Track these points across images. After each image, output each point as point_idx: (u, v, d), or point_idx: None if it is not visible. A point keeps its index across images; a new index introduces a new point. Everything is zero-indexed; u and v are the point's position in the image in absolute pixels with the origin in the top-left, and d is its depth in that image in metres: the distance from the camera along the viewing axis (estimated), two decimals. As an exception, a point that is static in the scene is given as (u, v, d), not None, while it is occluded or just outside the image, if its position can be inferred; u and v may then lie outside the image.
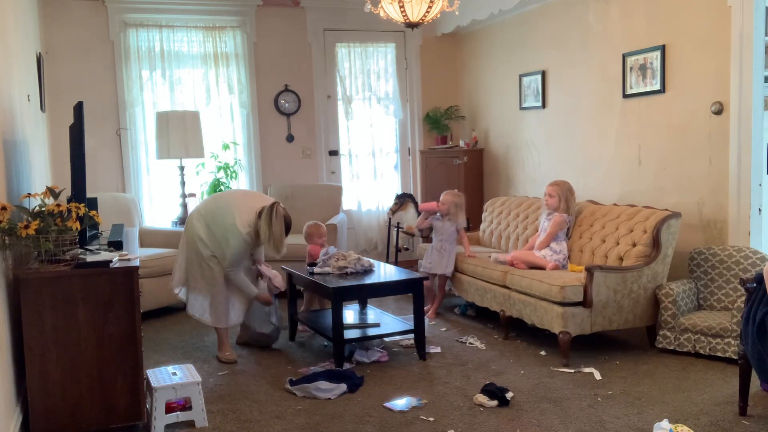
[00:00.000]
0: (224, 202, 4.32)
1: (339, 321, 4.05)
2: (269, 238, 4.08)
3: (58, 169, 5.70)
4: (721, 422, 3.15)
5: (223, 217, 4.18)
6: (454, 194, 5.31)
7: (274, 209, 4.09)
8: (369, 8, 4.74)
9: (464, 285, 5.15)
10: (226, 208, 4.22)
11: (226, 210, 4.20)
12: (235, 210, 4.17)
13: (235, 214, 4.14)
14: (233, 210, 4.17)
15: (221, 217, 4.18)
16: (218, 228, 4.17)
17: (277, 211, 4.09)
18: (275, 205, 4.12)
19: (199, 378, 3.33)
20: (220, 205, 4.30)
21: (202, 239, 4.20)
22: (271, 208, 4.09)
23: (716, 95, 4.36)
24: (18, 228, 2.84)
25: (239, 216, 4.13)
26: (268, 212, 4.08)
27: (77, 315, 3.01)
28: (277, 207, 4.11)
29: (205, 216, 4.25)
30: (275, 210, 4.09)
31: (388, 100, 7.22)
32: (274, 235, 4.07)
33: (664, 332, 4.16)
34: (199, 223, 4.23)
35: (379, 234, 7.19)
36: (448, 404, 3.49)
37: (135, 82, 6.28)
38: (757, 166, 4.23)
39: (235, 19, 6.57)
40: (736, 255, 4.15)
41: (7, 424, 2.80)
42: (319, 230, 5.07)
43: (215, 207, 4.29)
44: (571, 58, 5.66)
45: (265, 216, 4.09)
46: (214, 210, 4.26)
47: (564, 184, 4.81)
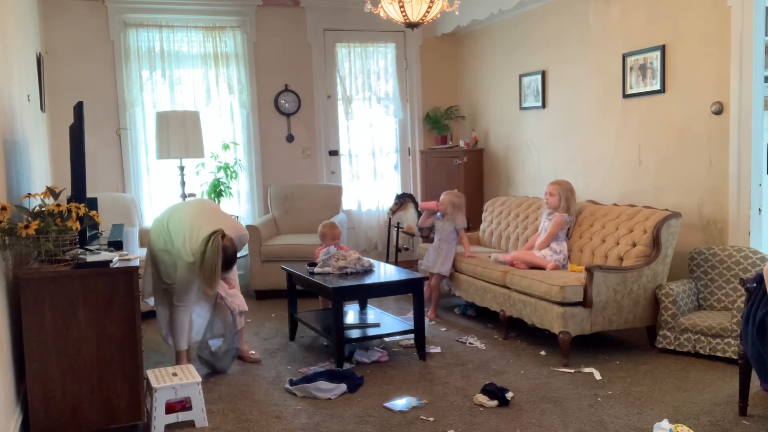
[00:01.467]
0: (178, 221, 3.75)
1: (339, 321, 4.05)
2: (201, 269, 3.50)
3: (58, 169, 5.70)
4: (721, 422, 3.15)
5: (176, 236, 3.68)
6: (454, 194, 5.31)
7: (211, 239, 3.48)
8: (369, 8, 4.74)
9: (464, 285, 5.15)
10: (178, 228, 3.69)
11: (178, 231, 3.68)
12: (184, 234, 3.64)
13: (183, 240, 3.62)
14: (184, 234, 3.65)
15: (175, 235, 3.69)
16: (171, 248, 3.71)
17: (215, 241, 3.47)
18: (215, 234, 3.50)
19: (199, 378, 3.33)
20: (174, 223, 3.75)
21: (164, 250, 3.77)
22: (209, 238, 3.48)
23: (716, 95, 4.36)
24: (18, 228, 2.84)
25: (184, 244, 3.61)
26: (205, 241, 3.49)
27: (77, 315, 3.01)
28: (217, 237, 3.49)
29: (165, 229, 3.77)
30: (212, 240, 3.48)
31: (388, 100, 7.22)
32: (205, 269, 3.48)
33: (664, 332, 4.16)
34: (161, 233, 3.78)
35: (379, 234, 7.19)
36: (448, 404, 3.49)
37: (135, 82, 6.28)
38: (757, 166, 4.23)
39: (235, 19, 6.57)
40: (736, 255, 4.15)
41: (7, 424, 2.80)
42: (334, 231, 4.94)
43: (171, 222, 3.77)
44: (571, 58, 5.66)
45: (202, 244, 3.50)
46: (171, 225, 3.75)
47: (565, 184, 4.81)
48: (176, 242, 3.66)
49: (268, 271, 5.83)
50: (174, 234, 3.69)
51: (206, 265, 3.47)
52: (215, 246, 3.47)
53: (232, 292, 4.15)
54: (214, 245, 3.47)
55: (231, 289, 4.15)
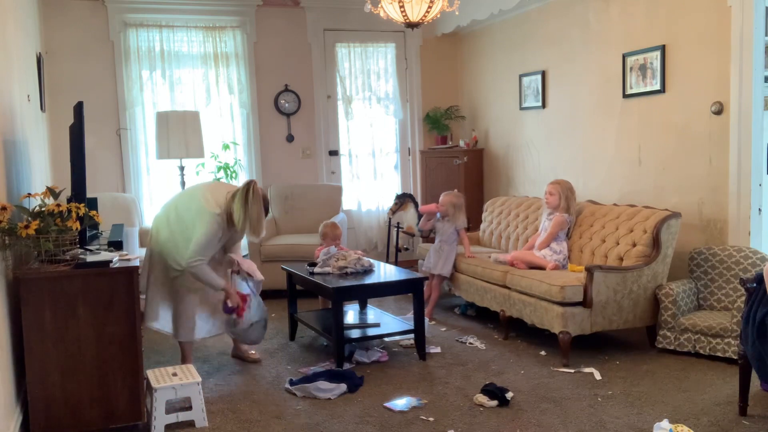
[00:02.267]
0: (189, 192, 3.97)
1: (339, 321, 4.06)
2: (244, 219, 3.67)
3: (58, 169, 5.70)
4: (721, 422, 3.15)
5: (190, 203, 3.79)
6: (453, 195, 5.30)
7: (250, 187, 3.68)
8: (369, 8, 4.74)
9: (464, 285, 5.15)
10: (192, 195, 3.85)
11: (193, 196, 3.83)
12: (201, 194, 3.79)
13: (202, 198, 3.76)
14: (199, 195, 3.79)
15: (188, 204, 3.80)
16: (186, 217, 3.76)
17: (255, 189, 3.69)
18: (251, 183, 3.72)
19: (199, 378, 3.33)
20: (184, 196, 3.94)
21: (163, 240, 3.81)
22: (247, 186, 3.69)
23: (716, 95, 4.36)
24: (18, 228, 2.84)
25: (207, 199, 3.75)
26: (244, 191, 3.67)
27: (77, 315, 3.01)
28: (254, 185, 3.71)
29: (168, 211, 3.87)
30: (252, 188, 3.68)
31: (388, 100, 7.22)
32: (250, 217, 3.66)
33: (664, 332, 4.16)
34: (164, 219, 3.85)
35: (379, 234, 7.19)
36: (448, 404, 3.49)
37: (135, 82, 6.28)
38: (757, 166, 4.23)
39: (235, 19, 6.57)
40: (736, 255, 4.15)
41: (7, 424, 2.80)
42: (335, 232, 4.93)
43: (180, 199, 3.92)
44: (571, 58, 5.66)
45: (240, 195, 3.68)
46: (179, 201, 3.89)
47: (564, 183, 4.81)
48: (192, 206, 3.75)
49: (268, 271, 5.81)
50: (186, 204, 3.80)
51: (251, 212, 3.66)
52: (257, 194, 3.68)
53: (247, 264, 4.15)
54: (256, 193, 3.68)
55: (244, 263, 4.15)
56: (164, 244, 3.82)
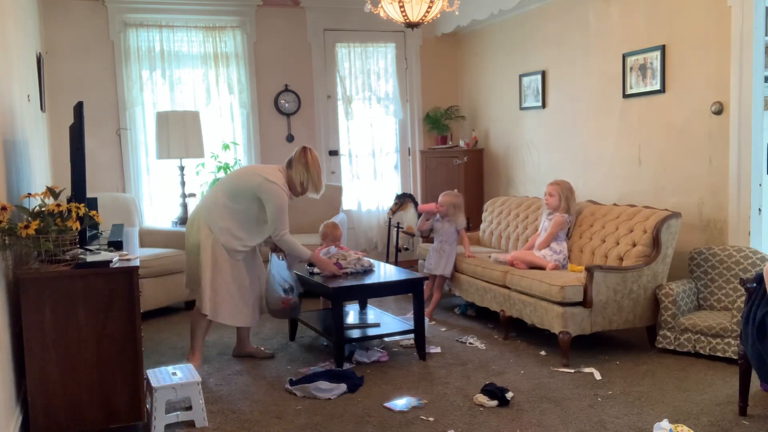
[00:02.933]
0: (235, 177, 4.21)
1: (339, 321, 4.05)
2: (308, 178, 4.07)
3: (58, 169, 5.70)
4: (721, 422, 3.15)
5: (246, 183, 4.03)
6: (453, 195, 5.30)
7: (308, 150, 4.09)
8: (369, 8, 4.74)
9: (464, 285, 5.15)
10: (244, 177, 4.10)
11: (246, 177, 4.08)
12: (255, 172, 4.06)
13: (260, 174, 4.01)
14: (253, 172, 4.07)
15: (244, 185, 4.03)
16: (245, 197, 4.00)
17: (311, 151, 4.10)
18: (307, 148, 4.12)
19: (199, 378, 3.33)
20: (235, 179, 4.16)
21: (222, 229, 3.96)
22: (303, 151, 4.08)
23: (716, 95, 4.36)
24: (18, 228, 2.84)
25: (266, 172, 4.02)
26: (301, 154, 4.07)
27: (77, 315, 3.01)
28: (310, 150, 4.11)
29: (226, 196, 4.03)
30: (309, 151, 4.09)
31: (388, 100, 7.22)
32: (312, 176, 4.07)
33: (664, 332, 4.16)
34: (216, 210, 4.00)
35: (379, 234, 7.19)
36: (448, 404, 3.49)
37: (135, 82, 6.28)
38: (757, 166, 4.23)
39: (235, 19, 6.57)
40: (736, 255, 4.15)
41: (7, 424, 2.80)
42: (335, 232, 4.92)
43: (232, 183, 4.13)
44: (571, 58, 5.66)
45: (298, 159, 4.06)
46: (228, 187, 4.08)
47: (564, 184, 4.81)
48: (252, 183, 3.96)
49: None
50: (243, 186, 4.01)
51: (313, 174, 4.08)
52: (315, 156, 4.10)
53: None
54: (314, 155, 4.10)
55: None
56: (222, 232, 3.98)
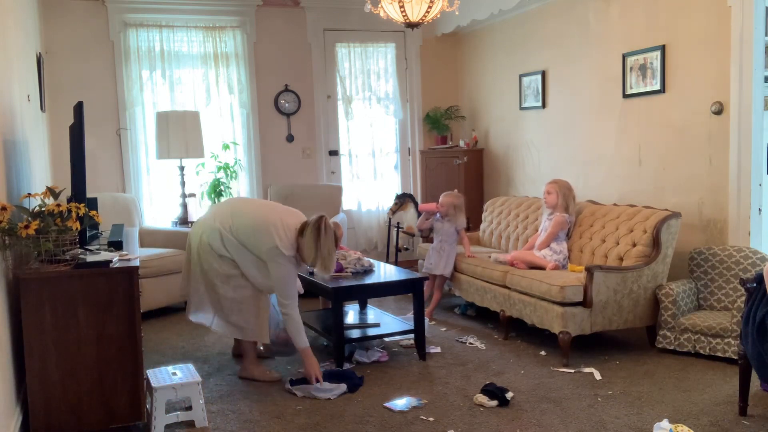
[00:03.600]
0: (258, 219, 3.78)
1: (339, 321, 4.05)
2: (316, 257, 3.66)
3: (58, 169, 5.70)
4: (721, 422, 3.15)
5: (261, 237, 3.70)
6: (454, 195, 5.30)
7: (322, 224, 3.67)
8: (369, 8, 4.74)
9: (464, 285, 5.15)
10: (263, 228, 3.71)
11: (263, 229, 3.71)
12: (272, 229, 3.69)
13: (274, 234, 3.67)
14: (270, 229, 3.69)
15: (259, 238, 3.71)
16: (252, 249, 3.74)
17: (327, 225, 3.68)
18: (323, 219, 3.70)
19: (199, 378, 3.33)
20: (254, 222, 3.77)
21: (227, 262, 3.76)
22: (318, 223, 3.67)
23: (716, 95, 4.36)
24: (18, 228, 2.84)
25: (279, 236, 3.68)
26: (315, 227, 3.66)
27: (77, 315, 3.00)
28: (326, 221, 3.69)
29: (236, 233, 3.75)
30: (325, 225, 3.67)
31: (388, 100, 7.22)
32: (321, 255, 3.65)
33: (664, 332, 4.16)
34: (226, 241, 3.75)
35: (379, 234, 7.19)
36: (448, 404, 3.49)
37: (135, 82, 6.28)
38: (757, 166, 4.23)
39: (235, 19, 6.57)
40: (736, 255, 4.15)
41: (7, 424, 2.80)
42: (336, 232, 4.96)
43: (248, 224, 3.77)
44: (571, 58, 5.66)
45: (310, 232, 3.66)
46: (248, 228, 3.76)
47: (562, 183, 4.82)
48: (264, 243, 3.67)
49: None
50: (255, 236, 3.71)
51: (323, 251, 3.66)
52: (329, 230, 3.69)
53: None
54: (329, 230, 3.69)
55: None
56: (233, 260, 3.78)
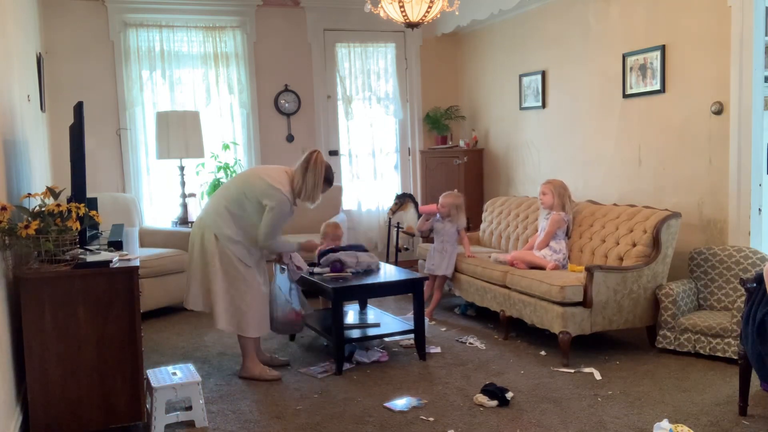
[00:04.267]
0: (240, 178, 3.88)
1: (339, 321, 4.05)
2: (302, 185, 3.70)
3: (58, 169, 5.70)
4: (721, 422, 3.15)
5: (251, 188, 3.72)
6: (454, 196, 5.30)
7: (312, 156, 3.72)
8: (369, 8, 4.74)
9: (464, 285, 5.15)
10: (250, 179, 3.77)
11: (250, 181, 3.76)
12: (258, 175, 3.75)
13: (264, 177, 3.72)
14: (257, 176, 3.75)
15: (248, 190, 3.71)
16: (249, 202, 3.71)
17: (315, 159, 3.72)
18: (314, 152, 3.75)
19: (199, 378, 3.33)
20: (238, 183, 3.82)
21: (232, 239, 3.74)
22: (309, 156, 3.72)
23: (716, 95, 4.36)
24: (18, 228, 2.84)
25: (272, 177, 3.72)
26: (305, 159, 3.73)
27: (77, 315, 3.01)
28: (316, 155, 3.74)
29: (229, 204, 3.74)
30: (314, 157, 3.72)
31: (388, 100, 7.22)
32: (306, 183, 3.70)
33: (664, 332, 4.16)
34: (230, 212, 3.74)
35: (379, 234, 7.19)
36: (448, 404, 3.49)
37: (135, 82, 6.28)
38: (757, 166, 4.23)
39: (235, 19, 6.57)
40: (736, 255, 4.15)
41: (7, 424, 2.80)
42: (336, 231, 4.93)
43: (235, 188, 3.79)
44: (571, 58, 5.66)
45: (300, 164, 3.73)
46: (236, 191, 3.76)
47: (557, 182, 4.83)
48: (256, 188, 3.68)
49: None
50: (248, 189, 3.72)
51: (309, 179, 3.69)
52: (319, 160, 3.72)
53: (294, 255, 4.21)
54: (319, 159, 3.72)
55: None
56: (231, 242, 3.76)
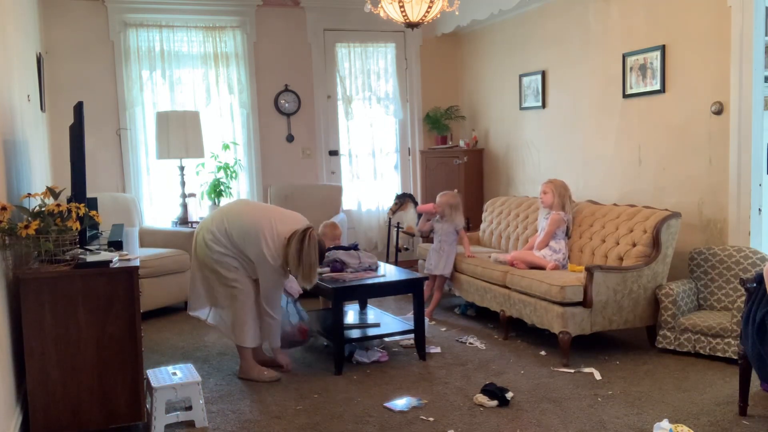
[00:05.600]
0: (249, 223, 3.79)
1: (339, 321, 4.05)
2: (298, 268, 3.70)
3: (58, 169, 5.70)
4: (721, 422, 3.15)
5: (250, 242, 3.74)
6: (450, 195, 5.29)
7: (306, 236, 3.69)
8: (369, 8, 4.74)
9: (464, 285, 5.15)
10: (252, 233, 3.74)
11: (253, 235, 3.74)
12: (261, 235, 3.72)
13: (262, 240, 3.71)
14: (259, 235, 3.72)
15: (248, 242, 3.75)
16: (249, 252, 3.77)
17: (311, 237, 3.70)
18: (308, 231, 3.72)
19: (199, 378, 3.33)
20: (245, 226, 3.78)
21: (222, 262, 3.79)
22: (303, 235, 3.70)
23: (716, 95, 4.36)
24: (18, 228, 2.84)
25: (266, 243, 3.71)
26: (299, 240, 3.68)
27: (77, 315, 3.01)
28: (311, 233, 3.72)
29: (229, 235, 3.78)
30: (308, 237, 3.69)
31: (388, 100, 7.22)
32: (303, 267, 3.68)
33: (664, 332, 4.16)
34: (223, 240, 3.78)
35: (379, 234, 7.19)
36: (448, 404, 3.49)
37: (135, 82, 6.28)
38: (757, 166, 4.23)
39: (235, 19, 6.57)
40: (736, 255, 4.15)
41: (7, 424, 2.80)
42: (334, 232, 4.92)
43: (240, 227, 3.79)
44: (571, 58, 5.66)
45: (294, 244, 3.68)
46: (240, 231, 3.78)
47: (557, 182, 4.83)
48: (253, 247, 3.72)
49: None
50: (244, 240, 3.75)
51: (305, 263, 3.68)
52: (312, 242, 3.70)
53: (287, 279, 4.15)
54: (312, 242, 3.69)
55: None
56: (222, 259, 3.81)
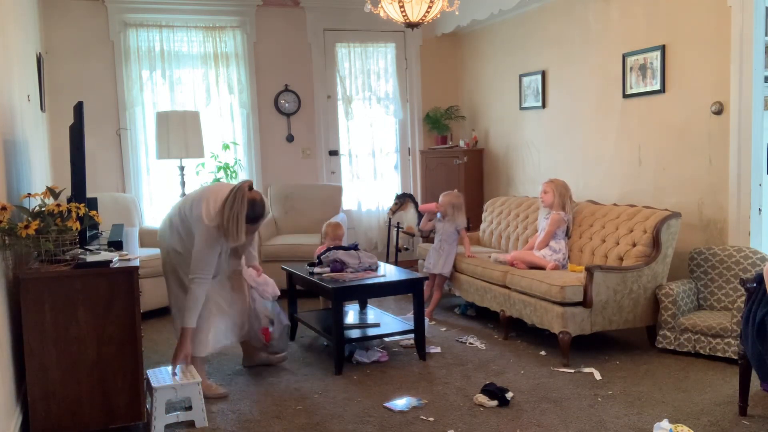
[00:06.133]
0: (198, 193, 3.65)
1: (339, 321, 4.05)
2: (221, 222, 3.40)
3: (58, 169, 5.70)
4: (721, 422, 3.15)
5: (193, 208, 3.53)
6: (453, 195, 5.30)
7: (236, 189, 3.42)
8: (369, 8, 4.74)
9: (464, 285, 5.15)
10: (198, 199, 3.55)
11: (198, 200, 3.53)
12: (204, 200, 3.50)
13: (203, 204, 3.48)
14: (203, 200, 3.50)
15: (192, 208, 3.54)
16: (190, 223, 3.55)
17: (240, 190, 3.41)
18: (240, 184, 3.45)
19: (199, 378, 3.33)
20: (194, 196, 3.64)
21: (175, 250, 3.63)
22: (234, 188, 3.43)
23: (716, 95, 4.36)
24: (18, 228, 2.84)
25: (207, 206, 3.46)
26: (231, 192, 3.43)
27: (77, 315, 3.01)
28: (243, 186, 3.43)
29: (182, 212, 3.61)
30: (238, 189, 3.42)
31: (388, 100, 7.22)
32: (229, 219, 3.37)
33: (664, 332, 4.16)
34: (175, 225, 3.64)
35: (379, 234, 7.19)
36: (448, 404, 3.49)
37: (135, 82, 6.28)
38: (757, 166, 4.23)
39: (235, 19, 6.57)
40: (736, 255, 4.15)
41: (7, 424, 2.80)
42: (336, 232, 4.94)
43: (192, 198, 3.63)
44: (571, 58, 5.66)
45: (226, 198, 3.43)
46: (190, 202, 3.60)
47: (558, 181, 4.84)
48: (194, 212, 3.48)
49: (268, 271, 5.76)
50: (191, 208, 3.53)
51: (228, 215, 3.37)
52: (240, 194, 3.39)
53: (262, 280, 4.01)
54: (239, 193, 3.39)
55: (260, 278, 4.02)
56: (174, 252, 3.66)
